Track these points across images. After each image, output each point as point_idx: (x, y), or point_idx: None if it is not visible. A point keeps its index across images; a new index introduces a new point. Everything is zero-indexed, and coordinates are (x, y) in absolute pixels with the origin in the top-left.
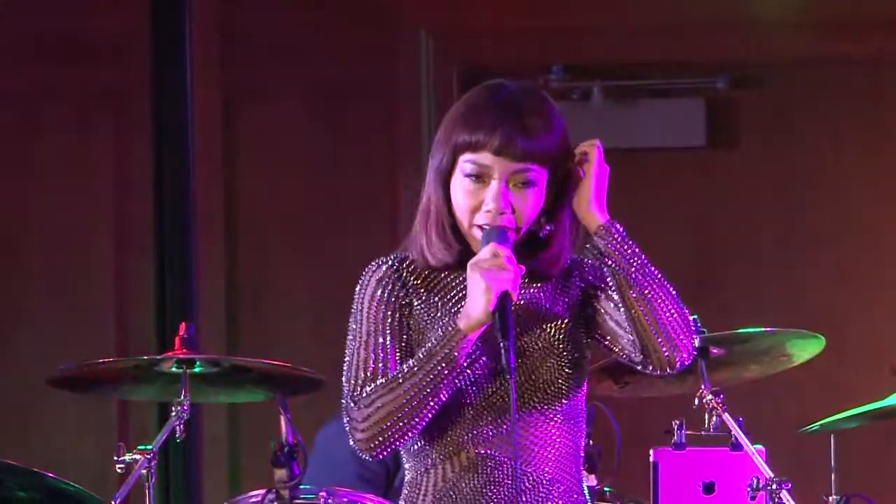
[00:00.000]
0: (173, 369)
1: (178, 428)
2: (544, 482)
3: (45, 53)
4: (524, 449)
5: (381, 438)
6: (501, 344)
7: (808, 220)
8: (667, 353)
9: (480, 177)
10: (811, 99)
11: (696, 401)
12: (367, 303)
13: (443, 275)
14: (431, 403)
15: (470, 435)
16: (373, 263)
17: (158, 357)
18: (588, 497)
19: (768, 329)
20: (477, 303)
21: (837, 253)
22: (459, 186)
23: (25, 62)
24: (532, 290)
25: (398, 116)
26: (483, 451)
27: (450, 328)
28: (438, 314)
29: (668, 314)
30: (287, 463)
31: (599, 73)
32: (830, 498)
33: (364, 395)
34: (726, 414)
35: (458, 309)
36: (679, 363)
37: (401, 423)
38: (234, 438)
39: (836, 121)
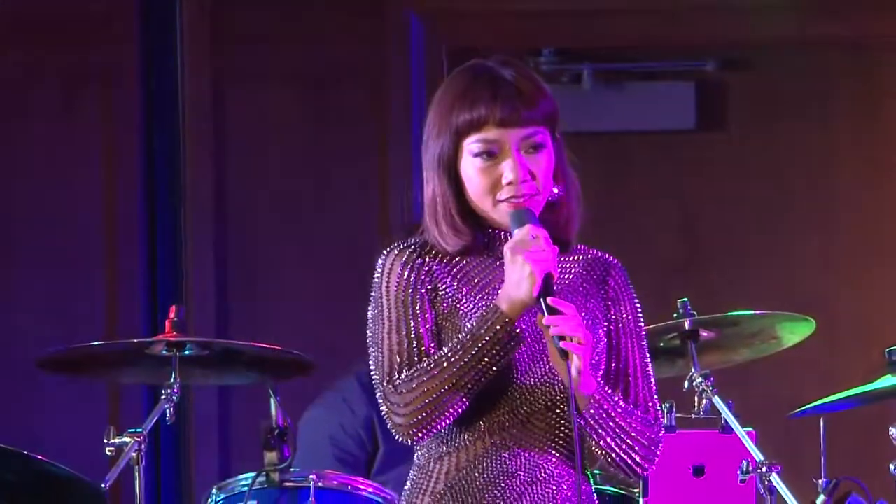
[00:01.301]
0: (163, 352)
1: (168, 411)
2: (555, 474)
3: (33, 35)
4: (537, 439)
5: (423, 424)
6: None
7: (798, 202)
8: (627, 474)
9: (491, 153)
10: (800, 81)
11: (686, 383)
12: (395, 286)
13: (465, 261)
14: (475, 388)
15: (486, 424)
16: (393, 247)
17: (149, 340)
18: (593, 485)
19: (758, 312)
20: (521, 286)
21: (827, 235)
22: (471, 168)
23: (12, 44)
24: (563, 266)
25: (388, 99)
26: (499, 441)
27: (492, 311)
28: (464, 300)
29: (631, 459)
30: (277, 446)
31: (589, 56)
32: (820, 481)
33: (403, 380)
34: (716, 397)
35: (484, 294)
36: (642, 476)
37: (445, 408)
38: (224, 421)
39: (826, 103)
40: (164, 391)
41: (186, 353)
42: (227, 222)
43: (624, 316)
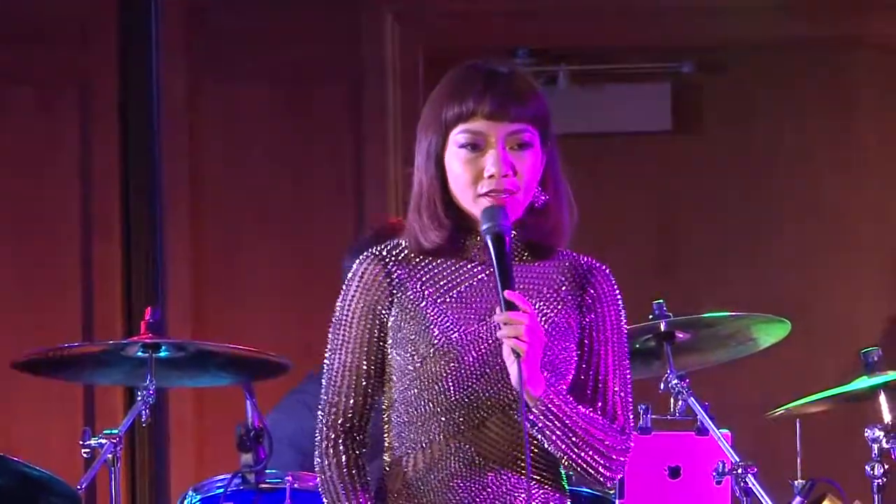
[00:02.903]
0: (139, 354)
1: (143, 412)
2: (512, 479)
3: (9, 35)
4: (494, 443)
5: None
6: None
7: (774, 203)
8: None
9: (476, 145)
10: (776, 82)
11: (662, 385)
12: (350, 316)
13: (435, 262)
14: None
15: (443, 426)
16: (360, 259)
17: (124, 341)
18: (566, 486)
19: (733, 313)
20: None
21: (803, 237)
22: (456, 160)
23: None
24: (531, 268)
25: (364, 99)
26: (455, 444)
27: None
28: (423, 304)
29: (585, 463)
30: (253, 447)
31: (565, 57)
32: (796, 482)
33: (323, 452)
34: (692, 398)
35: (446, 299)
36: (607, 486)
37: None
38: (200, 423)
39: (801, 104)
40: (139, 392)
41: (162, 354)
42: (203, 223)
43: (601, 323)
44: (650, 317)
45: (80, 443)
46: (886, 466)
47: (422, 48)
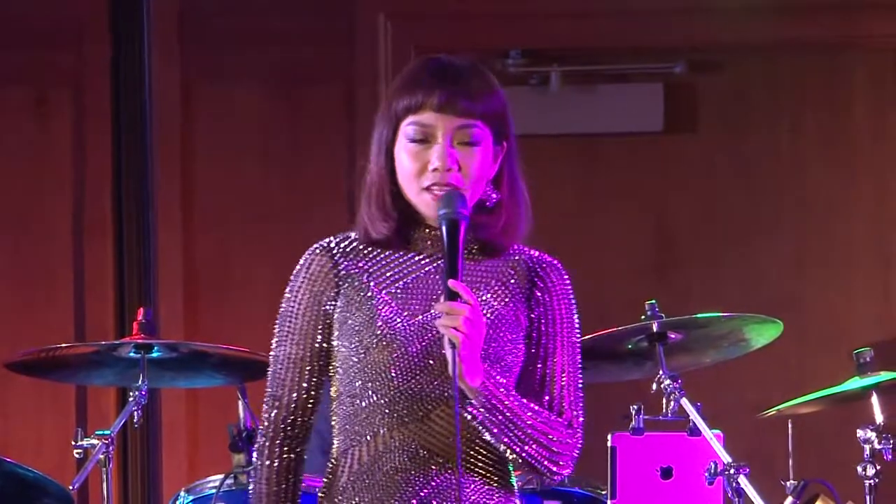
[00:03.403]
0: (131, 354)
1: (136, 413)
2: (454, 474)
3: (3, 37)
4: (438, 436)
5: None
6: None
7: (767, 204)
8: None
9: (424, 138)
10: (769, 83)
11: (654, 386)
12: (296, 308)
13: (384, 254)
14: None
15: (388, 419)
16: (308, 251)
17: (117, 342)
18: (516, 492)
19: (726, 314)
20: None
21: (796, 238)
22: (403, 151)
23: None
24: (479, 265)
25: (357, 100)
26: (399, 436)
27: None
28: (369, 294)
29: (528, 456)
30: (245, 448)
31: (557, 57)
32: (788, 482)
33: (259, 451)
34: (684, 399)
35: (392, 290)
36: (555, 481)
37: None
38: (192, 423)
39: (794, 105)
40: (132, 393)
41: (154, 355)
42: (195, 224)
43: (550, 317)
44: (642, 317)
45: (73, 443)
46: (878, 467)
47: (414, 49)
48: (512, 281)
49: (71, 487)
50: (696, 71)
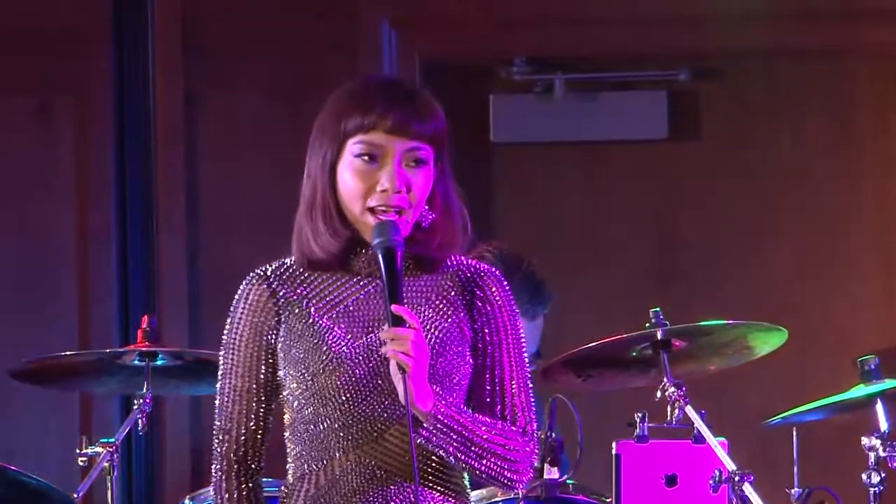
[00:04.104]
0: (136, 362)
1: (140, 421)
2: (412, 491)
3: (6, 45)
4: (394, 455)
5: None
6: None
7: (771, 211)
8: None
9: (372, 157)
10: (773, 91)
11: (659, 393)
12: (238, 339)
13: (322, 278)
14: None
15: (342, 442)
16: (246, 281)
17: (121, 350)
18: (468, 493)
19: (730, 321)
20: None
21: (800, 245)
22: (349, 170)
23: None
24: (418, 280)
25: None
26: (355, 458)
27: None
28: (311, 321)
29: (490, 470)
30: None
31: (561, 65)
32: (793, 490)
33: (217, 486)
34: (689, 406)
35: (333, 315)
36: (516, 489)
37: None
38: (196, 431)
39: (798, 112)
40: (136, 401)
41: (159, 362)
42: (199, 231)
43: (493, 325)
44: (647, 325)
45: (77, 451)
46: (883, 474)
47: (418, 57)
48: (452, 293)
49: (75, 496)
50: (700, 78)
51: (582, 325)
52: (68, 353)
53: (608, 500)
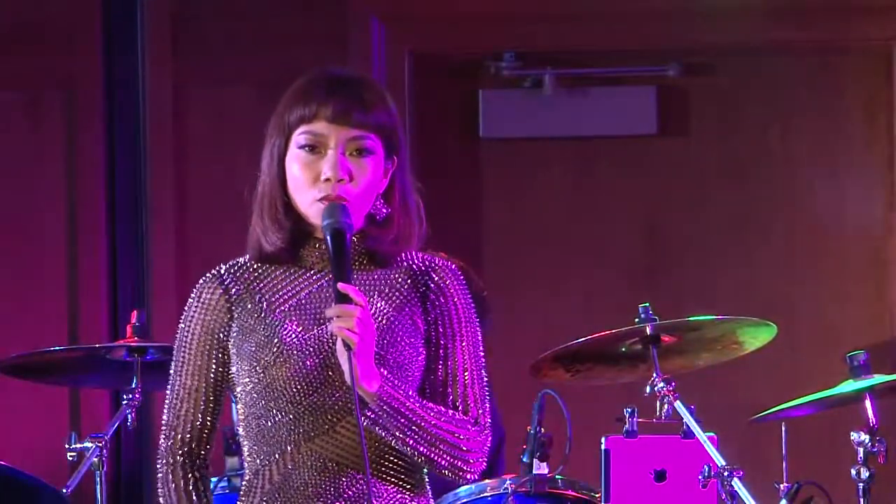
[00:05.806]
0: (125, 357)
1: (129, 416)
2: (364, 488)
3: None
4: (346, 447)
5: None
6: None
7: (760, 207)
8: (442, 475)
9: (316, 147)
10: (762, 86)
11: (648, 388)
12: (190, 338)
13: (275, 273)
14: None
15: (294, 436)
16: (201, 280)
17: (110, 345)
18: (428, 492)
19: (719, 317)
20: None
21: (789, 240)
22: (295, 161)
23: None
24: (371, 274)
25: None
26: (307, 452)
27: None
28: (263, 315)
29: (437, 457)
30: (238, 451)
31: (551, 61)
32: (782, 485)
33: (163, 478)
34: (678, 401)
35: (285, 308)
36: (465, 480)
37: None
38: None
39: (787, 108)
40: (125, 396)
41: (148, 358)
42: (188, 227)
43: (447, 316)
44: (636, 320)
45: (66, 446)
46: (872, 470)
47: (408, 51)
48: (405, 287)
49: (64, 490)
50: (690, 74)
51: (571, 320)
52: (58, 348)
53: (597, 496)
